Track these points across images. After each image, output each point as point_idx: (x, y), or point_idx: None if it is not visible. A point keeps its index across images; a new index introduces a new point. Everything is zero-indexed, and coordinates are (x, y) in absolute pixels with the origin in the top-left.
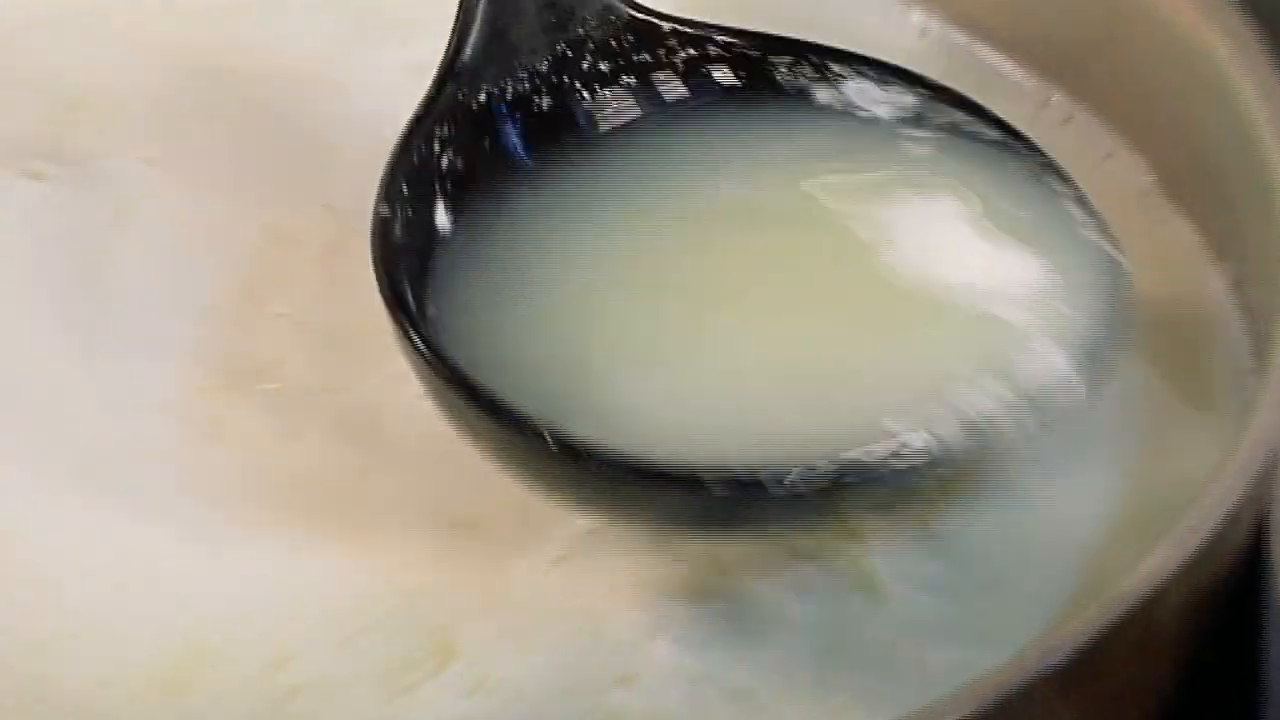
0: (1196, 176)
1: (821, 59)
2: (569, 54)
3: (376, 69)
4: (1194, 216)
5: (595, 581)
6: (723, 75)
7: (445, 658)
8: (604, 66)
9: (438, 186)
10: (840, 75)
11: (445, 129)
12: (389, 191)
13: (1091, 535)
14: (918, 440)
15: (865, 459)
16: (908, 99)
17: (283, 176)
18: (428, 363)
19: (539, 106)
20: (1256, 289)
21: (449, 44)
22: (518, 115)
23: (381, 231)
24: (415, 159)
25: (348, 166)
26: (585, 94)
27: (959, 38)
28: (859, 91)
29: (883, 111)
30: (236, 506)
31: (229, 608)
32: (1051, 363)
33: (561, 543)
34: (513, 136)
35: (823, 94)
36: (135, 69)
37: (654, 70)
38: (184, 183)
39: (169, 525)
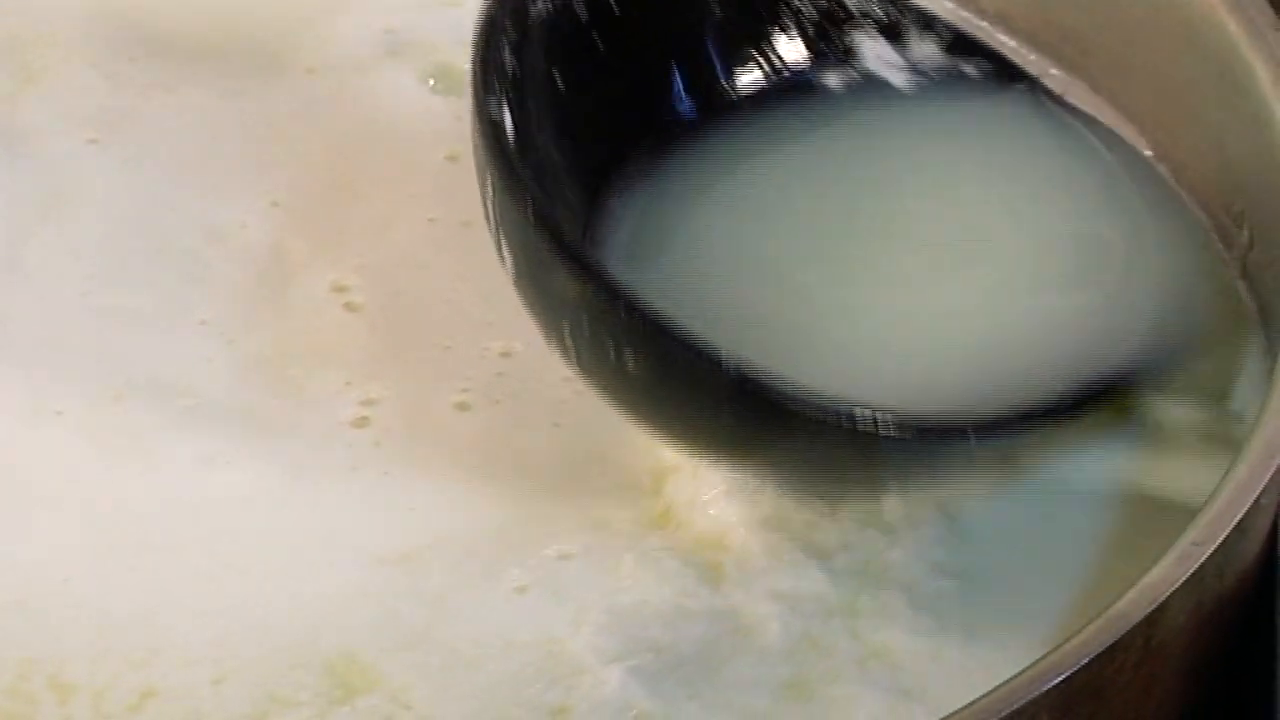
0: (1203, 161)
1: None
2: None
3: (353, 50)
4: (1200, 203)
5: (560, 610)
6: None
7: (347, 693)
8: None
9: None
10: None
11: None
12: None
13: (1090, 552)
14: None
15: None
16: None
17: (230, 166)
18: (589, 279)
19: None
20: (1268, 279)
21: None
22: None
23: (494, 135)
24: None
25: (302, 160)
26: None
27: (947, 3)
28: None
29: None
30: (130, 530)
31: (99, 638)
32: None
33: (527, 571)
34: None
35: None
36: (95, 38)
37: None
38: (125, 167)
39: (51, 543)
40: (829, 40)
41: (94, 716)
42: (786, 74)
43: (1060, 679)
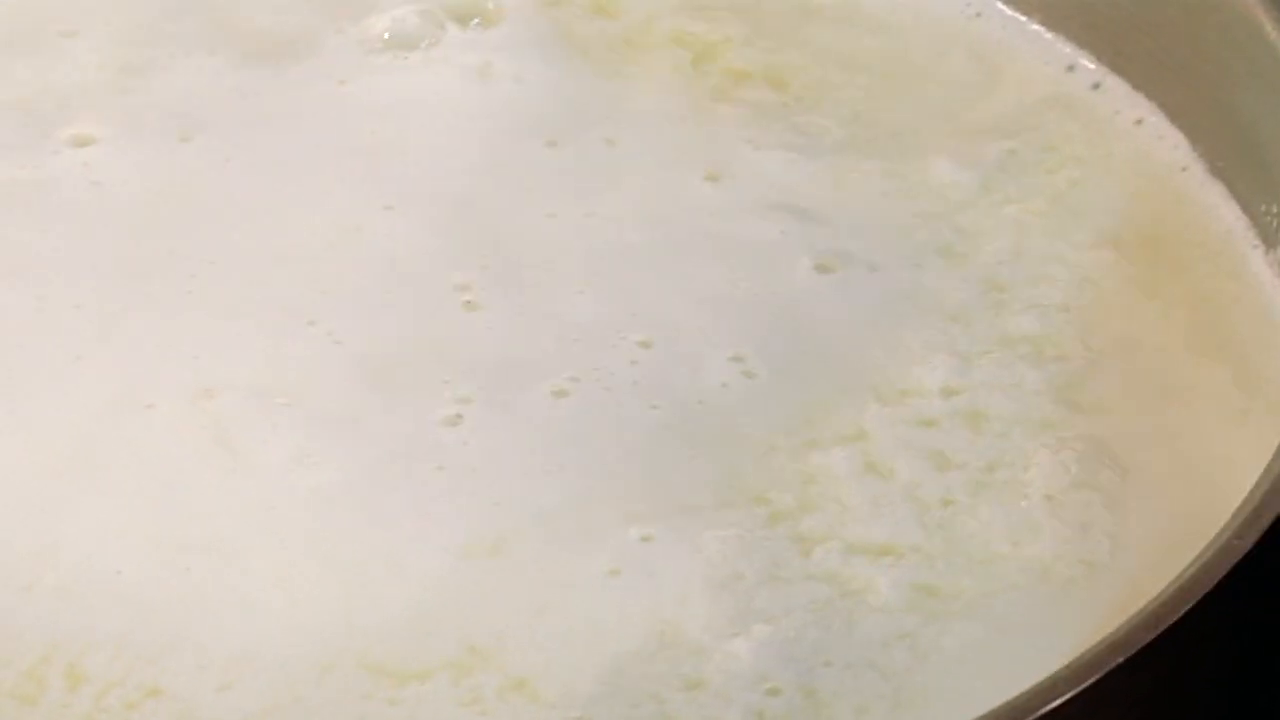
0: (1241, 160)
1: None
2: None
3: (472, 48)
4: (1239, 198)
5: (658, 589)
6: None
7: (466, 672)
8: None
9: None
10: None
11: None
12: None
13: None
14: None
15: None
16: None
17: (342, 167)
18: None
19: None
20: None
21: None
22: None
23: None
24: None
25: (417, 157)
26: None
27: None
28: None
29: None
30: (198, 527)
31: (129, 631)
32: None
33: (614, 555)
34: None
35: None
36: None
37: None
38: (232, 164)
39: (114, 533)
40: None
41: (93, 709)
42: None
43: (1097, 677)
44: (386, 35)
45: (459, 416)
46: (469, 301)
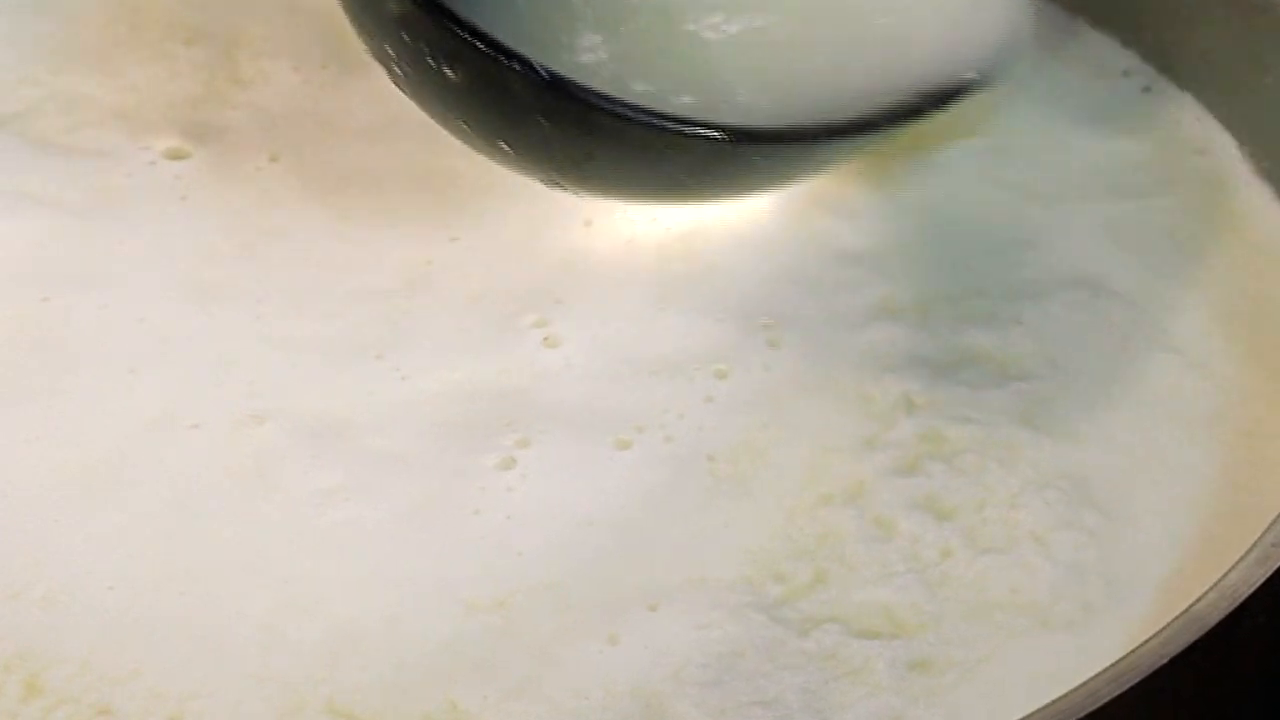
0: None
1: None
2: None
3: None
4: None
5: (654, 660)
6: None
7: None
8: None
9: None
10: None
11: None
12: None
13: (1180, 531)
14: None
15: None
16: None
17: (424, 198)
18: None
19: None
20: None
21: None
22: None
23: None
24: None
25: (491, 201)
26: None
27: None
28: None
29: None
30: (207, 553)
31: (101, 647)
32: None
33: (617, 621)
34: None
35: None
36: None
37: None
38: (314, 190)
39: (119, 548)
40: None
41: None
42: None
43: (1139, 680)
44: None
45: (513, 460)
46: (547, 338)
